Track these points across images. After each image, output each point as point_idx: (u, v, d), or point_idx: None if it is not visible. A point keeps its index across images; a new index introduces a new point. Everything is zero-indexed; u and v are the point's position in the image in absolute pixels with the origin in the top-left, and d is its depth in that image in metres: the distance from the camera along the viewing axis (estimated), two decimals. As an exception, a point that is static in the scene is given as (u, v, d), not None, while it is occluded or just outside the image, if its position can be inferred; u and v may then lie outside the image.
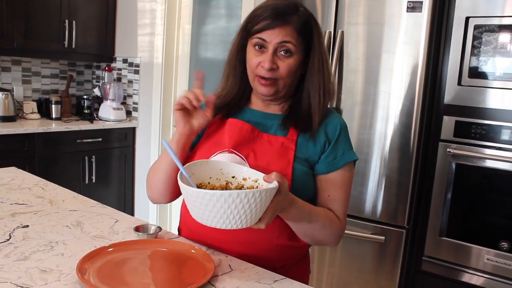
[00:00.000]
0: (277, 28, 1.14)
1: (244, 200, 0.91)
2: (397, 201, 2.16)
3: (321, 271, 2.40)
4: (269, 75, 1.16)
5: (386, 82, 2.13)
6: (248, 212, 0.93)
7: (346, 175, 1.21)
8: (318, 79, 1.19)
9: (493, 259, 2.01)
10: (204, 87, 1.20)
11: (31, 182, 1.71)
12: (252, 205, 0.93)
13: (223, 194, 0.91)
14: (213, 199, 0.92)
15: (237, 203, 0.91)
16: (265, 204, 0.95)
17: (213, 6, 3.53)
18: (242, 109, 1.29)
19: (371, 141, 2.19)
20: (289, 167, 1.15)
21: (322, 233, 1.18)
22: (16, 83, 3.72)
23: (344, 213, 1.23)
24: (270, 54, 1.15)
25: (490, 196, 2.02)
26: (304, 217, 1.11)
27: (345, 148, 1.21)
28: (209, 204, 0.93)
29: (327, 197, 1.21)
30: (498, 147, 1.97)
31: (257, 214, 0.95)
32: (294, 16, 1.16)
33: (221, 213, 0.93)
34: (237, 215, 0.93)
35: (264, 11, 1.16)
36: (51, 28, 3.52)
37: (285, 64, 1.16)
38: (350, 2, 2.18)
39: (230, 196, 0.91)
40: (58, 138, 3.37)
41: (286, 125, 1.21)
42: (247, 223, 0.95)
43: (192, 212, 0.99)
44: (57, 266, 1.03)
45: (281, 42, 1.14)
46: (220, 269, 1.07)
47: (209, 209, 0.94)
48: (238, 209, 0.92)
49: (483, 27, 1.96)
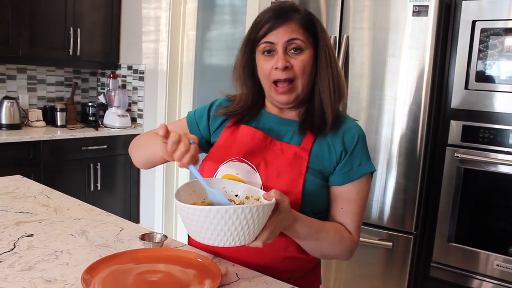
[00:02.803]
0: (281, 27, 1.12)
1: (241, 216, 0.90)
2: (405, 207, 2.14)
3: (328, 277, 2.38)
4: (285, 75, 1.12)
5: (392, 86, 2.12)
6: (245, 228, 0.91)
7: (362, 187, 1.17)
8: (327, 74, 1.16)
9: (502, 264, 1.98)
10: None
11: (36, 191, 1.70)
12: (249, 221, 0.91)
13: (219, 210, 0.89)
14: (209, 216, 0.90)
15: (234, 219, 0.90)
16: (262, 220, 0.93)
17: (218, 12, 3.53)
18: (259, 113, 1.26)
19: (377, 146, 2.18)
20: (301, 178, 1.12)
21: (332, 250, 1.14)
22: (21, 91, 3.73)
23: (356, 227, 1.17)
24: (281, 53, 1.12)
25: (498, 201, 2.00)
26: (311, 234, 1.08)
27: (362, 159, 1.17)
28: (206, 221, 0.91)
29: (340, 209, 1.17)
30: (507, 152, 1.95)
31: (254, 231, 0.93)
32: (296, 14, 1.14)
33: (218, 230, 0.91)
34: (235, 231, 0.91)
35: (264, 15, 1.15)
36: (56, 36, 3.54)
37: (298, 61, 1.12)
38: (355, 7, 2.18)
39: (227, 212, 0.89)
40: (63, 146, 3.37)
41: (304, 130, 1.18)
42: (244, 240, 0.94)
43: (189, 230, 0.97)
44: (62, 276, 1.02)
45: (289, 40, 1.11)
46: (227, 278, 1.05)
47: (206, 226, 0.92)
48: (235, 226, 0.91)
49: (490, 31, 1.95)
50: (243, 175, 1.15)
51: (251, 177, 1.15)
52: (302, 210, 1.11)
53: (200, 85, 3.65)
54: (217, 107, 1.30)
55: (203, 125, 1.30)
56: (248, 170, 1.15)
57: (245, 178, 1.15)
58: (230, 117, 1.26)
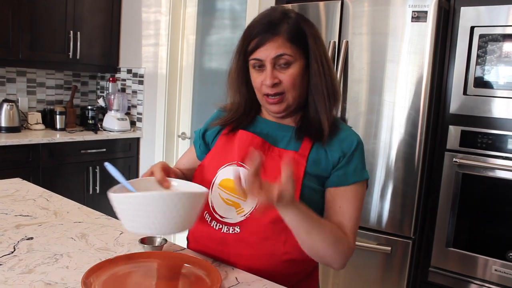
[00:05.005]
0: (268, 43, 1.12)
1: (169, 202, 0.93)
2: (403, 211, 2.14)
3: (326, 282, 2.38)
4: (274, 90, 1.14)
5: (390, 91, 2.13)
6: (174, 214, 0.94)
7: (359, 190, 1.18)
8: (320, 81, 1.15)
9: (500, 269, 1.99)
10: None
11: (35, 193, 1.70)
12: (177, 208, 0.94)
13: (147, 196, 0.93)
14: (140, 202, 0.94)
15: (160, 206, 0.93)
16: (189, 209, 0.97)
17: (217, 16, 3.54)
18: (254, 119, 1.27)
19: (376, 151, 2.18)
20: (298, 183, 1.13)
21: (326, 248, 1.09)
22: (21, 94, 3.73)
23: (353, 229, 1.15)
24: (269, 70, 1.12)
25: (497, 206, 2.00)
26: (305, 225, 1.05)
27: (357, 166, 1.17)
28: (137, 209, 0.95)
29: (338, 208, 1.16)
30: (505, 157, 1.95)
31: (185, 217, 0.97)
32: (284, 25, 1.12)
33: (152, 217, 0.95)
34: (163, 218, 0.95)
35: (253, 29, 1.15)
36: (56, 39, 3.54)
37: (287, 76, 1.13)
38: (355, 12, 2.19)
39: (160, 198, 0.92)
40: (62, 149, 3.38)
41: (300, 136, 1.18)
42: (176, 228, 0.98)
43: (123, 220, 1.01)
44: (62, 279, 1.02)
45: (276, 57, 1.12)
46: (227, 282, 1.05)
47: (134, 214, 0.96)
48: (163, 212, 0.94)
49: (488, 37, 1.96)
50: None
51: None
52: None
53: (200, 89, 3.66)
54: (212, 120, 1.33)
55: (201, 145, 1.35)
56: None
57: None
58: (225, 126, 1.27)
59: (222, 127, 1.28)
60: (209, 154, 1.27)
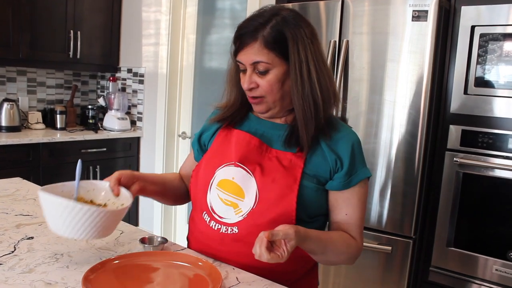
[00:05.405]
0: (246, 47, 1.13)
1: (80, 213, 1.02)
2: (404, 211, 2.14)
3: (327, 281, 2.38)
4: (252, 94, 1.16)
5: (391, 91, 2.13)
6: (87, 225, 1.04)
7: (361, 191, 1.19)
8: (297, 90, 1.12)
9: (501, 269, 1.98)
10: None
11: (35, 193, 1.70)
12: (78, 217, 1.03)
13: (66, 203, 1.03)
14: (60, 208, 1.03)
15: (73, 215, 1.02)
16: (89, 221, 1.04)
17: (218, 16, 3.54)
18: (247, 116, 1.28)
19: (376, 150, 2.18)
20: (296, 184, 1.13)
21: (338, 258, 1.18)
22: (21, 93, 3.73)
23: (361, 232, 1.21)
24: (248, 74, 1.14)
25: (497, 206, 2.00)
26: (319, 249, 1.11)
27: (359, 166, 1.18)
28: (47, 208, 1.07)
29: (344, 216, 1.19)
30: (506, 156, 1.95)
31: (87, 228, 1.04)
32: (264, 29, 1.10)
33: (67, 223, 1.04)
34: (76, 225, 1.03)
35: (238, 30, 1.16)
36: (56, 39, 3.54)
37: (265, 81, 1.13)
38: (355, 11, 2.18)
39: (74, 208, 1.02)
40: (62, 148, 3.38)
41: (291, 140, 1.17)
42: (79, 235, 1.05)
43: (47, 220, 1.08)
44: (62, 278, 1.02)
45: (253, 63, 1.13)
46: (227, 282, 1.05)
47: (47, 213, 1.07)
48: (63, 218, 1.03)
49: (488, 36, 1.96)
50: (239, 179, 1.17)
51: (247, 181, 1.16)
52: (297, 216, 1.13)
53: (200, 88, 3.66)
54: (208, 120, 1.34)
55: (198, 148, 1.36)
56: (244, 174, 1.16)
57: (240, 183, 1.16)
58: (222, 123, 1.28)
59: (218, 127, 1.29)
60: (206, 154, 1.28)
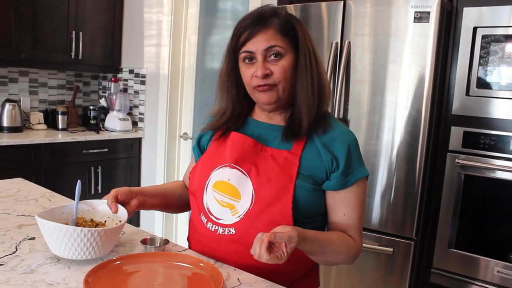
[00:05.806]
0: (259, 34, 1.13)
1: (75, 235, 1.05)
2: (405, 212, 2.14)
3: (328, 282, 2.38)
4: (264, 82, 1.14)
5: (393, 92, 2.12)
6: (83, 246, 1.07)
7: (359, 190, 1.18)
8: (306, 77, 1.15)
9: (502, 271, 1.98)
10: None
11: (37, 193, 1.70)
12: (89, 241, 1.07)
13: (59, 227, 1.05)
14: (55, 231, 1.06)
15: (69, 237, 1.06)
16: (99, 241, 1.08)
17: (219, 17, 3.54)
18: (246, 121, 1.27)
19: (378, 152, 2.18)
20: (291, 183, 1.13)
21: (337, 258, 1.18)
22: (23, 94, 3.74)
23: (360, 232, 1.20)
24: (261, 62, 1.13)
25: (499, 207, 2.00)
26: (317, 250, 1.11)
27: (355, 165, 1.17)
28: (45, 231, 1.09)
29: (342, 216, 1.18)
30: (507, 158, 1.95)
31: (93, 248, 1.08)
32: (274, 19, 1.14)
33: (64, 245, 1.07)
34: (78, 247, 1.07)
35: (243, 23, 1.16)
36: (58, 40, 3.55)
37: (278, 67, 1.13)
38: (357, 13, 2.18)
39: (68, 230, 1.05)
40: (64, 149, 3.38)
41: (288, 134, 1.18)
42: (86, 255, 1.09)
43: (48, 243, 1.12)
44: (64, 279, 1.02)
45: (267, 48, 1.12)
46: (229, 283, 1.05)
47: (45, 235, 1.11)
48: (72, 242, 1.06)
49: (490, 37, 1.95)
50: (235, 181, 1.17)
51: (243, 182, 1.16)
52: (293, 216, 1.12)
53: (202, 89, 3.66)
54: (204, 126, 1.34)
55: (198, 152, 1.36)
56: (240, 176, 1.16)
57: (236, 184, 1.16)
58: (216, 130, 1.28)
59: (214, 131, 1.29)
60: (203, 157, 1.28)
